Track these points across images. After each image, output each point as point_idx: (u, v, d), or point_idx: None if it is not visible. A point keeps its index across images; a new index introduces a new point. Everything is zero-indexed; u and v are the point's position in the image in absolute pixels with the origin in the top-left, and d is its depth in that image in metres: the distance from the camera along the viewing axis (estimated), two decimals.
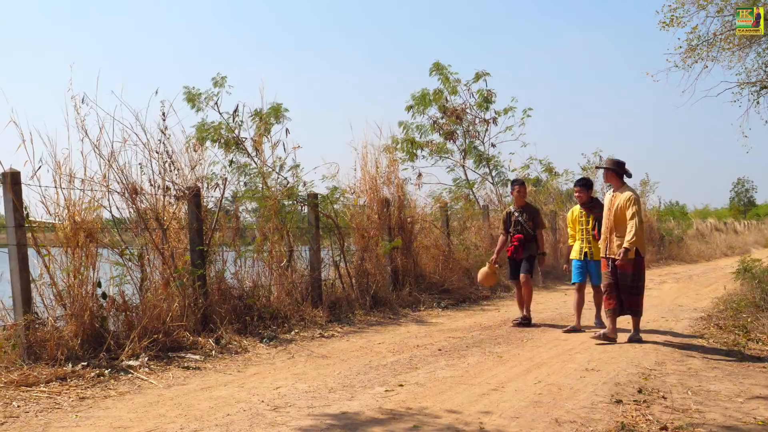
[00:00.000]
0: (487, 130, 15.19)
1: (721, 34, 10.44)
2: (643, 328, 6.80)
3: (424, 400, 4.43)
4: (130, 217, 6.48)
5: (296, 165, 8.95)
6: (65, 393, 4.59)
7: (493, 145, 15.27)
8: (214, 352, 5.96)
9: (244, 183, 8.98)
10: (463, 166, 15.38)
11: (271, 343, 6.50)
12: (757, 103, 11.28)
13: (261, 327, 6.91)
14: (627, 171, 6.50)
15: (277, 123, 9.75)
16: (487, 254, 8.37)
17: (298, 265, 8.30)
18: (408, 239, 9.87)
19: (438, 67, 14.63)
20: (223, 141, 10.11)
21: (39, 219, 5.63)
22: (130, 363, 5.33)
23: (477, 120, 15.10)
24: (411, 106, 14.77)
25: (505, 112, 14.99)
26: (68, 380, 4.84)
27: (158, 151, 6.69)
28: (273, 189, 8.41)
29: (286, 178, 8.92)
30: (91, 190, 5.97)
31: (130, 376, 5.11)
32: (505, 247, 8.10)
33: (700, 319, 8.08)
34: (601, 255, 6.60)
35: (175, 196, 6.74)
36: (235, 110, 9.93)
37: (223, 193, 7.38)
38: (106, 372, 5.09)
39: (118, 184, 6.29)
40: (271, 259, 7.82)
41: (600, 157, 17.02)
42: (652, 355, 5.86)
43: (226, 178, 7.61)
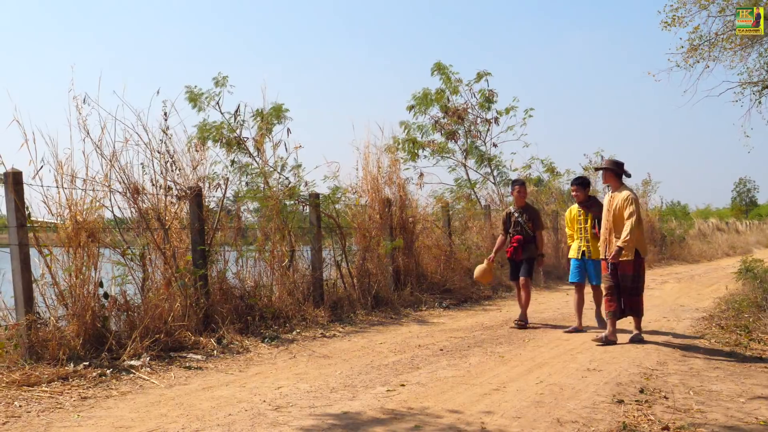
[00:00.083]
0: (488, 129, 15.22)
1: (723, 34, 10.43)
2: (644, 328, 6.79)
3: (426, 399, 4.43)
4: (132, 217, 6.49)
5: (298, 165, 8.99)
6: (67, 393, 4.59)
7: (495, 145, 15.31)
8: (215, 352, 5.97)
9: (246, 183, 9.03)
10: (465, 166, 15.40)
11: (273, 343, 6.50)
12: (759, 102, 11.26)
13: (263, 327, 6.92)
14: (625, 171, 6.49)
15: (278, 123, 9.77)
16: (489, 254, 8.36)
17: (299, 265, 8.31)
18: (410, 239, 9.88)
19: (439, 67, 14.65)
20: (224, 141, 10.13)
21: (41, 219, 5.64)
22: (132, 363, 5.33)
23: (479, 120, 15.13)
24: (412, 106, 14.80)
25: (507, 111, 15.00)
26: (70, 380, 4.85)
27: (160, 151, 6.70)
28: (274, 189, 8.42)
29: (287, 178, 8.95)
30: (93, 190, 5.99)
31: (132, 375, 5.12)
32: (504, 247, 8.09)
33: (702, 319, 8.06)
34: (601, 256, 6.59)
35: (176, 195, 6.74)
36: (237, 110, 9.96)
37: (225, 192, 7.41)
38: (108, 372, 5.09)
39: (120, 184, 6.30)
40: (273, 259, 7.82)
41: (602, 157, 17.03)
42: (654, 355, 5.85)
43: (228, 178, 7.65)
